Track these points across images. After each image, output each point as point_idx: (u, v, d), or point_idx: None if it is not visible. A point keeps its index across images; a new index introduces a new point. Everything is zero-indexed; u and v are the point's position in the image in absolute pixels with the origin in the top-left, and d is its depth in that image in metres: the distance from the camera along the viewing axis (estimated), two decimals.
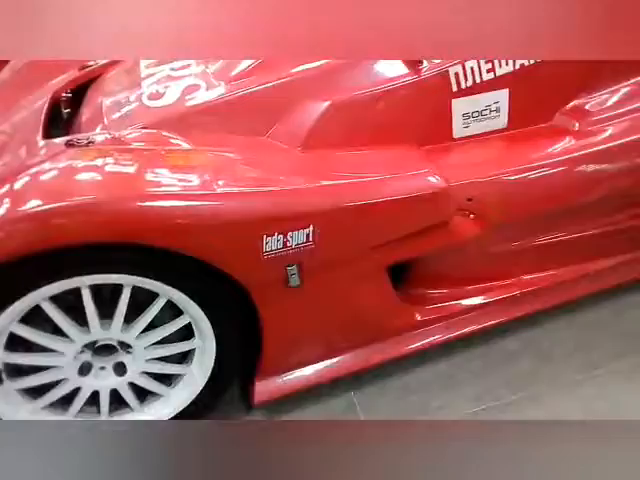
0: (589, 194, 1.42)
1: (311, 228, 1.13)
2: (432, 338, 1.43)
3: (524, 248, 1.47)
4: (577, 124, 1.44)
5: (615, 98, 1.49)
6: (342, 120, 1.35)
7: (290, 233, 1.11)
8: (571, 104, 1.47)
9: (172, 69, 1.57)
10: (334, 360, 1.35)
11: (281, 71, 1.40)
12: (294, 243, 1.12)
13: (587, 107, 1.47)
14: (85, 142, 1.24)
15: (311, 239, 1.13)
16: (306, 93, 1.36)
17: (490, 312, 1.47)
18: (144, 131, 1.34)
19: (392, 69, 1.39)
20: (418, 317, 1.42)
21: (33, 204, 1.01)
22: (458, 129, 1.40)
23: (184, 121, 1.35)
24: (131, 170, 1.14)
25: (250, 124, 1.36)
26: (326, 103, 1.34)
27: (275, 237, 1.10)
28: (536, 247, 1.48)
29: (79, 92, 1.64)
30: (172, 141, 1.31)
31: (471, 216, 1.31)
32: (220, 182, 1.12)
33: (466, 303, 1.45)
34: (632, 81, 1.51)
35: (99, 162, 1.14)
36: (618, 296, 1.61)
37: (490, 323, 1.47)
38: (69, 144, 1.24)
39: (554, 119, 1.46)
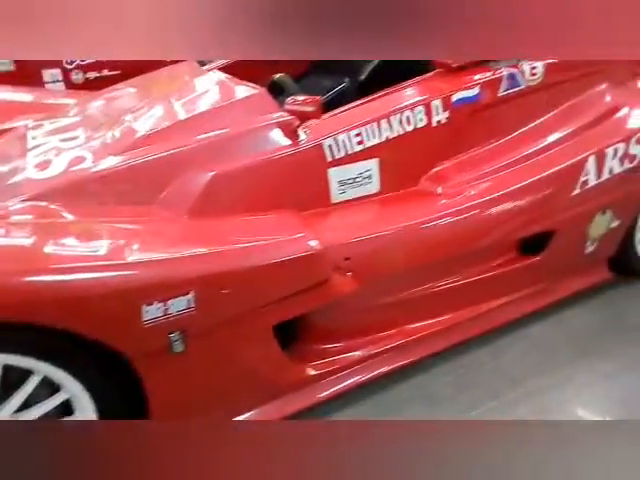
0: (454, 249, 1.58)
1: (192, 294, 1.17)
2: (328, 392, 1.49)
3: (404, 299, 1.59)
4: (440, 187, 1.63)
5: (472, 162, 1.70)
6: (226, 189, 1.43)
7: (170, 300, 1.14)
8: (434, 170, 1.66)
9: (61, 140, 1.59)
10: None
11: (168, 143, 1.47)
12: (175, 310, 1.15)
13: (448, 172, 1.66)
14: None
15: (192, 305, 1.17)
16: (192, 164, 1.44)
17: (378, 362, 1.56)
18: (28, 203, 1.34)
19: (271, 141, 1.50)
20: (311, 372, 1.47)
21: None
22: (335, 195, 1.53)
23: (70, 192, 1.37)
24: (3, 243, 1.13)
25: (138, 194, 1.40)
26: (211, 173, 1.42)
27: (155, 305, 1.13)
28: (416, 298, 1.61)
29: None
30: (57, 213, 1.32)
31: (349, 274, 1.41)
32: (98, 254, 1.15)
33: (355, 355, 1.53)
34: (487, 147, 1.73)
35: None
36: (494, 337, 1.76)
37: (379, 372, 1.55)
38: None
39: (420, 183, 1.64)
